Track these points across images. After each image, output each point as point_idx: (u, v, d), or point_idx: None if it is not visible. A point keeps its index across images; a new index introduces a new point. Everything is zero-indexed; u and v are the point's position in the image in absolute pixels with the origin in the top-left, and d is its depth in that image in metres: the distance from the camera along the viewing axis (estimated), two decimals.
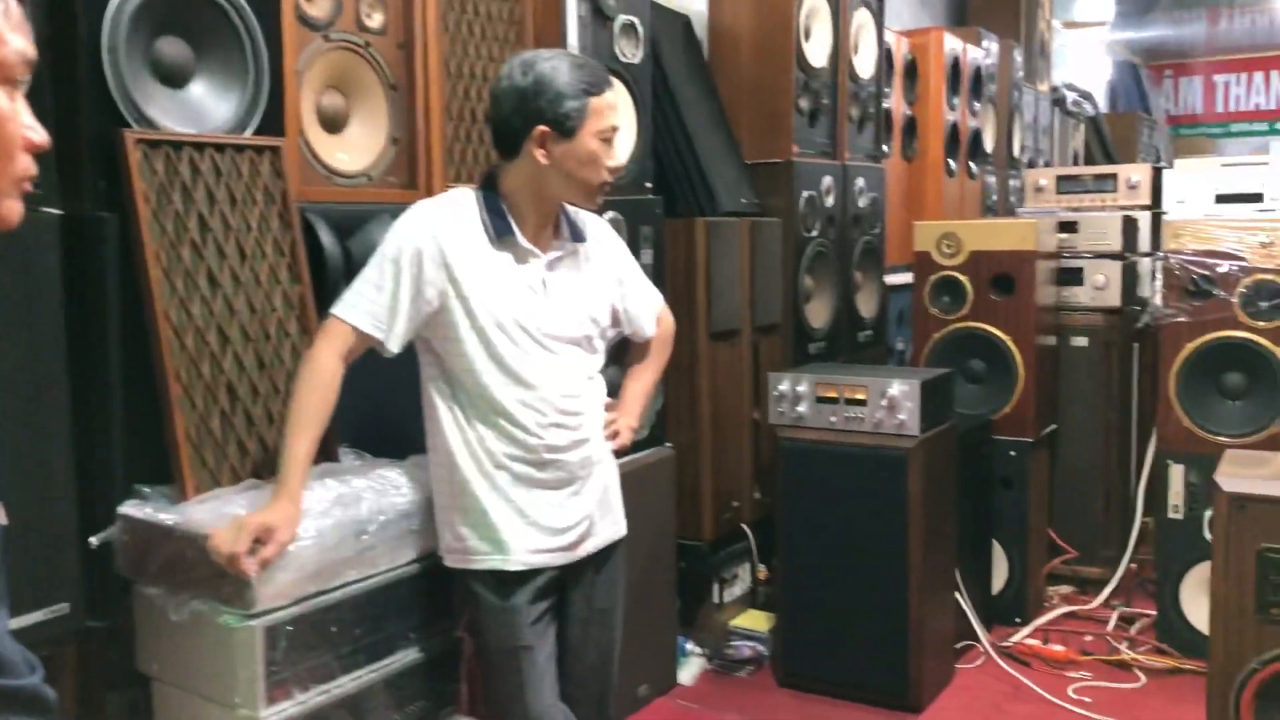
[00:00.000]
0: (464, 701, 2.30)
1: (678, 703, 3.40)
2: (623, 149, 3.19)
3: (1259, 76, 11.56)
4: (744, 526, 3.73)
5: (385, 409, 2.39)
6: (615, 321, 2.29)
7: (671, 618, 3.47)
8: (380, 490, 2.14)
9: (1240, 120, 11.63)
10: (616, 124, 2.10)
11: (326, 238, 2.38)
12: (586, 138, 2.03)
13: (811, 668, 3.42)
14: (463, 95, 2.80)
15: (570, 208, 2.20)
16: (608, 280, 2.25)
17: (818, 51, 3.93)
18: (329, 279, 2.34)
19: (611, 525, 2.26)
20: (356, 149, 2.60)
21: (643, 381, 2.42)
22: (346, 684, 2.05)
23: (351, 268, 2.29)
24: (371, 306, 2.03)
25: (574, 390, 2.14)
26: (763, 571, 3.84)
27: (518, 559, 2.10)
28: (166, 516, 1.96)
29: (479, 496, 2.09)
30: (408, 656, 2.17)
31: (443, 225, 2.06)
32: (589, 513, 2.18)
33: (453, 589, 2.21)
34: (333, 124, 2.56)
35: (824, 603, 3.36)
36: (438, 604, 2.22)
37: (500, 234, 2.07)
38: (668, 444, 3.40)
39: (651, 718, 3.30)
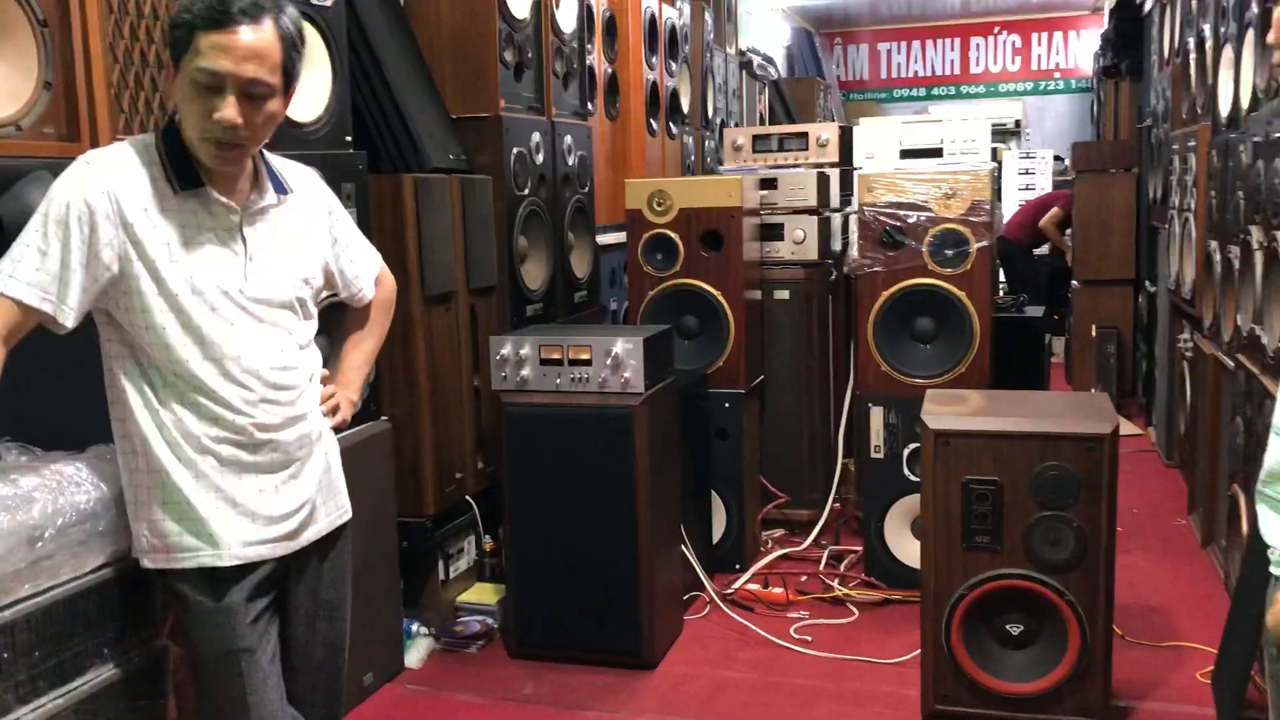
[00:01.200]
0: (173, 717, 2.04)
1: (406, 687, 3.24)
2: (316, 99, 2.94)
3: (917, 45, 12.53)
4: (468, 498, 3.59)
5: (52, 394, 2.07)
6: (329, 283, 2.09)
7: (395, 600, 3.30)
8: (55, 489, 1.85)
9: (902, 86, 12.58)
10: (224, 69, 1.72)
11: None
12: (184, 75, 1.75)
13: (544, 636, 3.35)
14: (129, 34, 2.46)
15: (273, 156, 1.97)
16: (319, 237, 2.04)
17: (520, 2, 3.80)
18: None
19: (336, 509, 2.07)
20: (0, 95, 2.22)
21: (363, 350, 2.24)
22: (26, 716, 1.75)
23: (2, 234, 1.95)
24: (36, 276, 1.73)
25: (285, 361, 1.93)
26: (489, 543, 3.72)
27: (231, 553, 1.87)
28: None
29: (180, 487, 1.84)
30: (102, 675, 1.90)
31: (118, 177, 1.78)
32: (309, 497, 1.98)
33: (153, 593, 1.94)
34: None
35: (554, 569, 3.29)
36: (136, 612, 1.96)
37: (186, 185, 1.81)
38: (383, 417, 3.21)
39: (379, 707, 3.12)
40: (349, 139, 3.09)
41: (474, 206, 3.52)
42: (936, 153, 3.94)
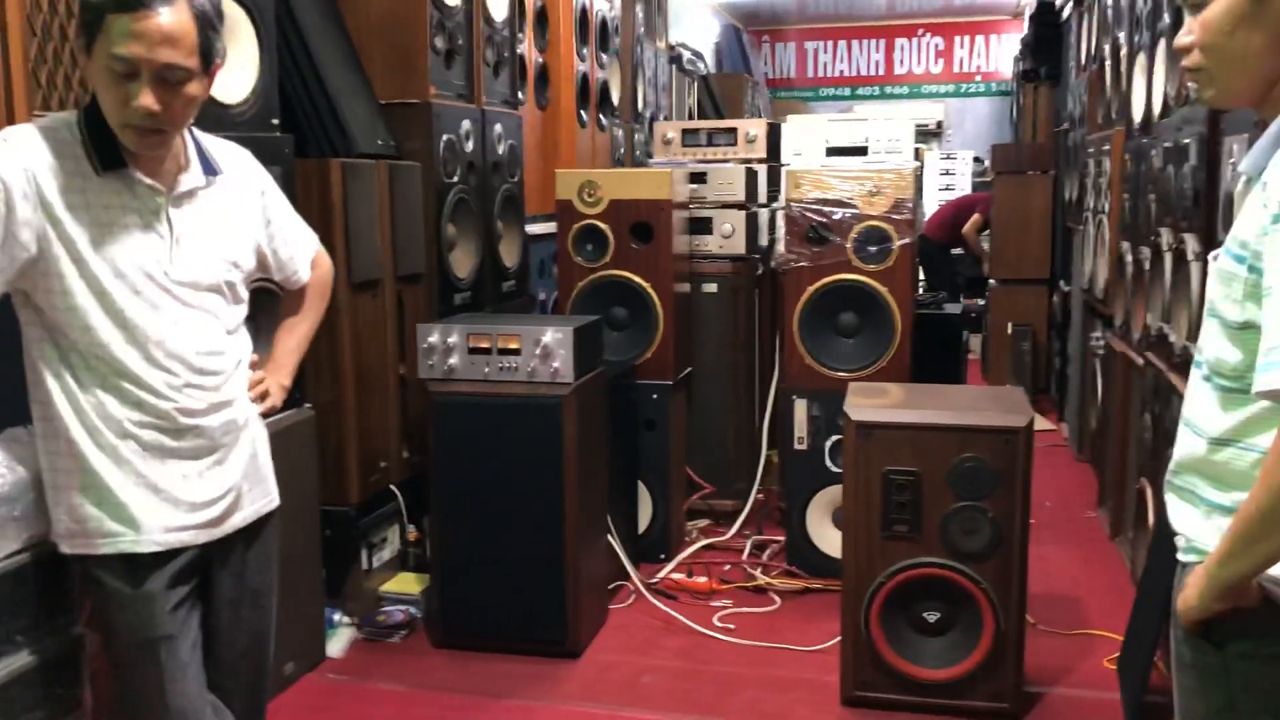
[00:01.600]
0: (89, 706, 2.00)
1: (327, 677, 3.21)
2: (242, 81, 2.90)
3: (843, 45, 12.68)
4: (393, 487, 3.57)
5: None
6: (263, 266, 2.06)
7: (317, 588, 3.27)
8: None
9: (828, 85, 12.72)
10: (138, 56, 1.67)
11: None
12: (98, 60, 1.70)
13: (468, 625, 3.35)
14: (48, 7, 2.40)
15: (203, 135, 1.94)
16: (250, 219, 2.00)
17: None
18: None
19: (263, 496, 2.04)
20: None
21: (298, 334, 2.22)
22: None
23: None
24: None
25: (212, 346, 1.90)
26: (414, 532, 3.70)
27: (151, 539, 1.84)
28: None
29: (100, 472, 1.81)
30: (16, 663, 1.86)
31: (36, 156, 1.73)
32: (234, 484, 1.95)
33: (70, 579, 1.91)
34: None
35: (479, 558, 3.29)
36: (52, 598, 1.92)
37: (108, 166, 1.77)
38: (307, 404, 3.17)
39: (300, 696, 3.09)
40: (275, 122, 3.05)
41: (402, 193, 3.50)
42: (862, 151, 4.01)
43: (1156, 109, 3.83)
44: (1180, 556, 1.48)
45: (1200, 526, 1.43)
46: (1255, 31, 1.38)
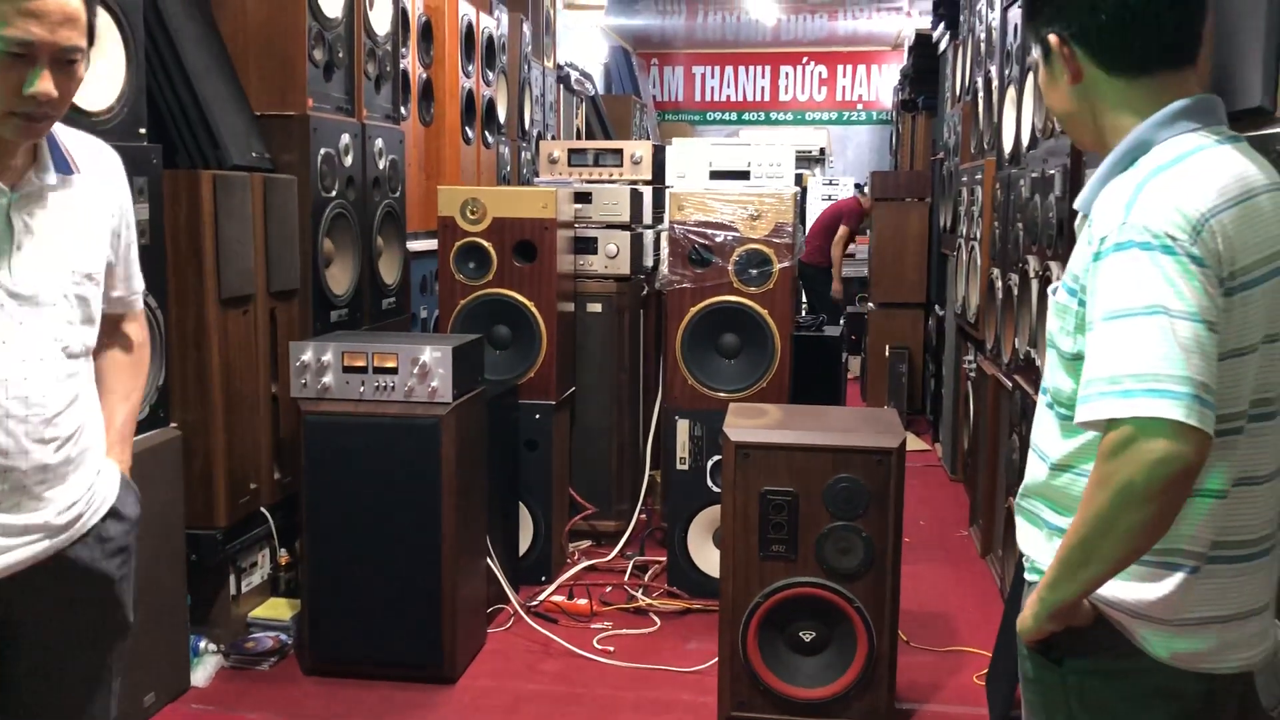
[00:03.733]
0: None
1: (191, 707, 3.09)
2: (108, 87, 2.79)
3: (730, 70, 12.90)
4: (263, 510, 3.45)
5: None
6: (109, 283, 1.87)
7: (181, 615, 3.14)
8: None
9: (715, 109, 12.91)
10: (39, 38, 1.57)
11: None
12: None
13: (340, 651, 3.26)
14: None
15: (61, 128, 1.76)
16: (104, 228, 1.82)
17: (331, 1, 3.70)
18: None
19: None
20: None
21: (132, 403, 1.98)
22: None
23: None
24: None
25: (45, 372, 1.70)
26: (284, 556, 3.59)
27: None
28: None
29: None
30: None
31: None
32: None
33: None
34: None
35: (352, 582, 3.20)
36: None
37: None
38: (173, 424, 3.05)
39: None
40: (143, 131, 2.94)
41: (276, 207, 3.41)
42: (744, 175, 4.05)
43: (1025, 140, 3.98)
44: (1025, 576, 1.52)
45: (1042, 548, 1.48)
46: (1055, 90, 1.51)
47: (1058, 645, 1.44)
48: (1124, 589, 1.38)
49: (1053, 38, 1.46)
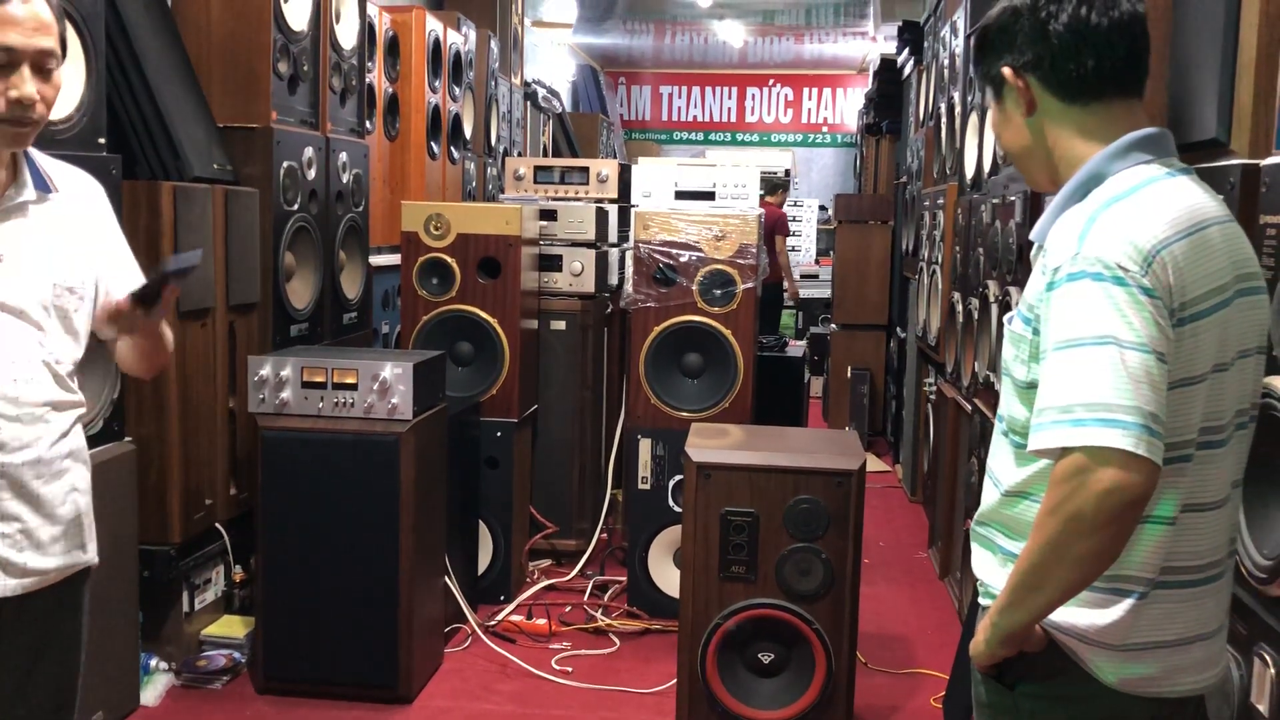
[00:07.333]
0: None
1: None
2: (67, 96, 2.75)
3: (697, 91, 12.97)
4: (218, 526, 3.41)
5: None
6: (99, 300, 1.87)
7: (132, 632, 3.08)
8: None
9: (682, 129, 12.97)
10: (18, 44, 1.62)
11: None
12: None
13: (294, 670, 3.21)
14: None
15: (37, 153, 1.80)
16: (87, 244, 1.84)
17: (298, 14, 3.68)
18: None
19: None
20: None
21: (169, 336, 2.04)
22: None
23: None
24: None
25: (24, 376, 1.72)
26: (239, 573, 3.54)
27: None
28: None
29: None
30: None
31: None
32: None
33: None
34: None
35: (308, 600, 3.16)
36: None
37: None
38: (127, 438, 3.00)
39: None
40: (103, 141, 2.90)
41: (237, 219, 3.38)
42: (709, 195, 4.08)
43: (987, 166, 4.02)
44: (980, 600, 1.53)
45: (996, 573, 1.49)
46: (1009, 127, 1.52)
47: (1010, 670, 1.45)
48: (1075, 614, 1.39)
49: (1006, 70, 1.48)
